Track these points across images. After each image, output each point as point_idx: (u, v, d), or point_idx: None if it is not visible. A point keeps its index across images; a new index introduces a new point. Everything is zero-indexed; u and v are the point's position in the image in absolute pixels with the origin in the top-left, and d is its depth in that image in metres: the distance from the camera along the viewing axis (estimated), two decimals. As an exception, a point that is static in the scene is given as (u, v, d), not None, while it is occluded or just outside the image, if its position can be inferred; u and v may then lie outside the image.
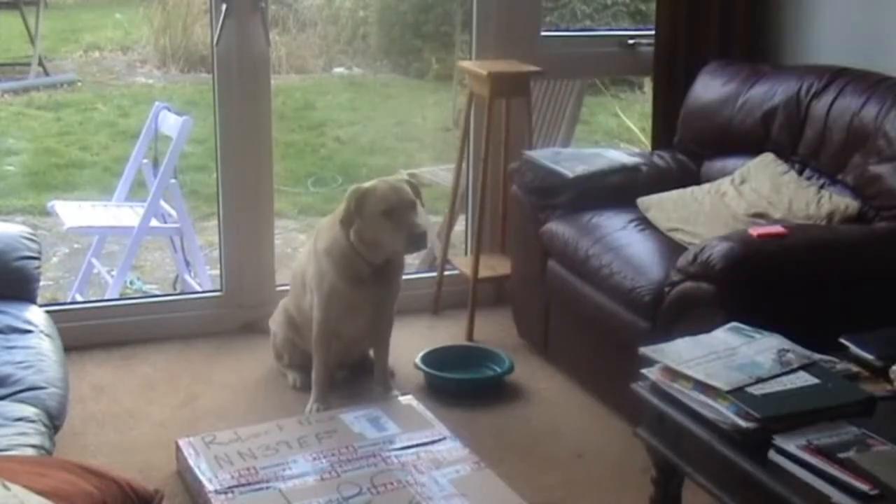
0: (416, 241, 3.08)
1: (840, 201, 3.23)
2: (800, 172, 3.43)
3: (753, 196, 3.34)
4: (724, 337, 2.43)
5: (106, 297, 4.30)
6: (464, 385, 3.48)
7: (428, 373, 3.49)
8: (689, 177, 3.69)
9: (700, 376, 2.25)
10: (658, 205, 3.45)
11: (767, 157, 3.49)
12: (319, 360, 3.30)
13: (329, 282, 3.20)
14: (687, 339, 2.41)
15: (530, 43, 4.01)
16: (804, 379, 2.25)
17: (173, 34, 7.37)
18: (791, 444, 2.03)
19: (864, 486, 1.90)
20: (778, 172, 3.41)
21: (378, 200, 3.08)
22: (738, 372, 2.25)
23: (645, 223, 3.40)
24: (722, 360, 2.31)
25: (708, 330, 2.45)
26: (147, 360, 3.68)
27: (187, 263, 4.56)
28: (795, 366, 2.28)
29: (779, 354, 2.32)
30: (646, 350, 2.39)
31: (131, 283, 4.74)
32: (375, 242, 3.12)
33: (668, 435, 2.34)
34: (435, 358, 3.56)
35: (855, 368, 2.35)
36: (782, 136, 3.50)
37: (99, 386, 3.47)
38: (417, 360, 3.53)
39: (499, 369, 3.52)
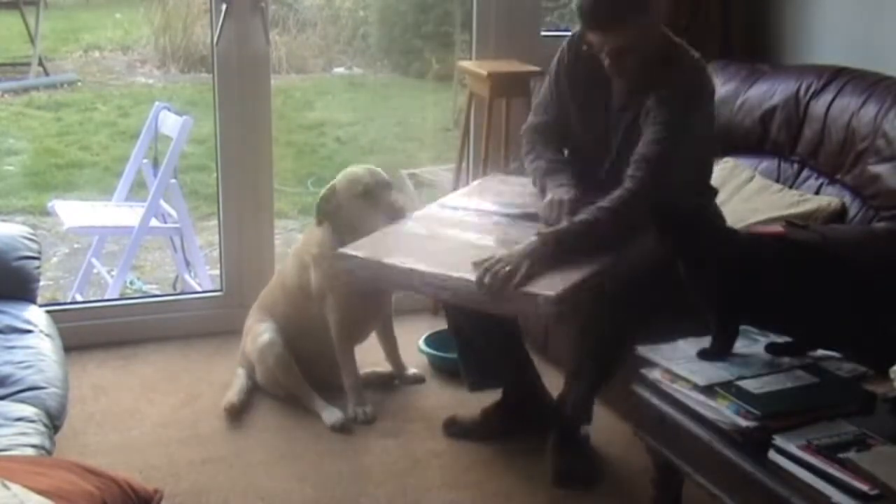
0: (396, 216, 3.07)
1: (822, 199, 3.23)
2: (798, 172, 3.43)
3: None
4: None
5: (106, 297, 4.30)
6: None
7: (432, 354, 3.56)
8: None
9: (683, 371, 2.27)
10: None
11: (728, 165, 3.48)
12: (348, 362, 3.33)
13: (343, 279, 3.18)
14: (690, 339, 2.42)
15: (530, 43, 4.01)
16: (804, 378, 2.26)
17: (173, 34, 7.36)
18: (791, 444, 2.03)
19: (864, 486, 1.90)
20: (742, 181, 3.38)
21: (353, 184, 3.18)
22: (722, 369, 2.27)
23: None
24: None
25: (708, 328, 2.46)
26: (147, 360, 3.68)
27: (187, 263, 4.56)
28: (786, 366, 2.29)
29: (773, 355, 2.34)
30: (642, 350, 2.40)
31: (131, 283, 4.74)
32: (355, 228, 3.11)
33: (668, 435, 2.34)
34: (437, 340, 3.63)
35: (861, 368, 2.35)
36: (781, 136, 3.50)
37: (99, 386, 3.47)
38: (420, 343, 3.61)
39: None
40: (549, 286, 2.55)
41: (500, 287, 2.55)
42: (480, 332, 3.09)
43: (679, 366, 2.31)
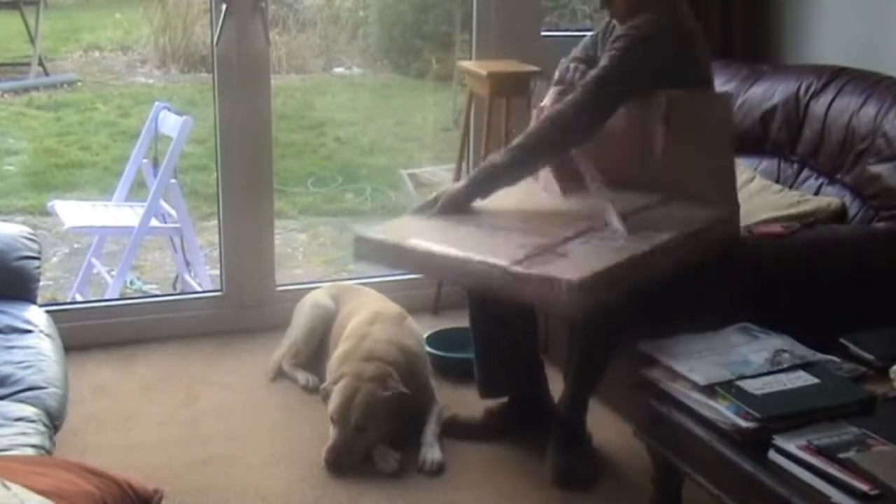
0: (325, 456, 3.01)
1: (822, 199, 3.23)
2: (798, 172, 3.44)
3: None
4: (729, 335, 2.45)
5: (106, 297, 4.29)
6: (469, 364, 3.48)
7: (434, 354, 3.55)
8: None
9: (683, 370, 2.27)
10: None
11: None
12: None
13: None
14: (690, 336, 2.42)
15: (530, 43, 4.01)
16: (804, 379, 2.26)
17: (173, 34, 7.36)
18: (791, 444, 2.04)
19: (864, 486, 1.90)
20: (743, 181, 3.37)
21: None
22: (722, 368, 2.27)
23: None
24: (713, 357, 2.33)
25: (711, 329, 2.46)
26: (147, 360, 3.68)
27: (187, 263, 4.56)
28: (786, 366, 2.29)
29: (774, 354, 2.34)
30: (644, 345, 2.40)
31: (131, 283, 4.74)
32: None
33: (668, 435, 2.34)
34: (439, 339, 3.63)
35: (861, 368, 2.35)
36: (781, 136, 3.50)
37: (99, 386, 3.47)
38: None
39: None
40: (573, 271, 2.45)
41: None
42: (503, 339, 3.10)
43: (679, 364, 2.31)
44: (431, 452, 3.05)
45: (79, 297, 4.42)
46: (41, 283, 3.08)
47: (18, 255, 2.96)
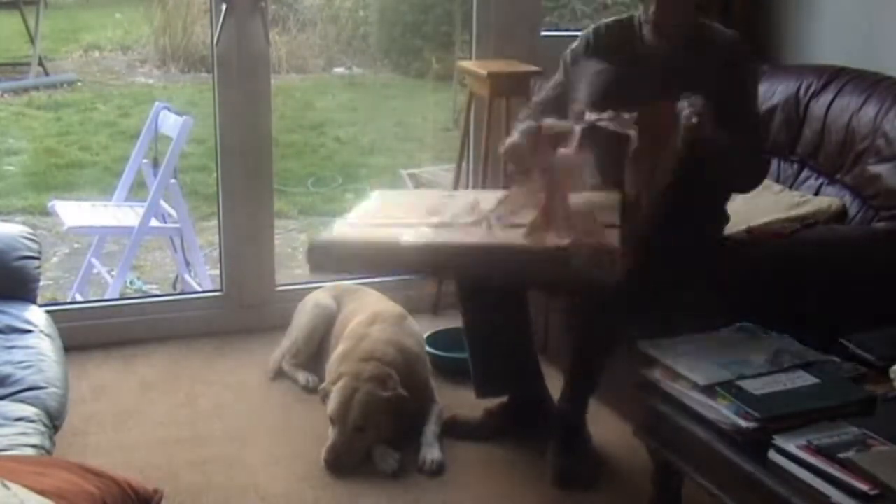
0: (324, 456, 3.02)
1: (822, 200, 3.23)
2: (798, 172, 3.44)
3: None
4: (729, 335, 2.45)
5: (106, 297, 4.30)
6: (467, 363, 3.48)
7: (434, 354, 3.54)
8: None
9: (683, 370, 2.27)
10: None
11: None
12: None
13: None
14: (690, 336, 2.42)
15: (530, 43, 4.01)
16: (804, 379, 2.26)
17: (173, 34, 7.36)
18: (791, 444, 2.04)
19: (864, 486, 1.90)
20: None
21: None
22: (722, 368, 2.27)
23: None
24: (713, 357, 2.33)
25: (711, 329, 2.46)
26: (147, 360, 3.68)
27: (187, 263, 4.57)
28: (786, 366, 2.29)
29: (774, 354, 2.34)
30: (644, 345, 2.40)
31: (131, 283, 4.74)
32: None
33: (668, 435, 2.34)
34: (439, 339, 3.63)
35: (861, 368, 2.35)
36: (781, 136, 3.50)
37: (99, 386, 3.47)
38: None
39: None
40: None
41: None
42: (497, 339, 3.10)
43: (680, 364, 2.31)
44: (431, 452, 3.05)
45: (79, 297, 4.42)
46: (41, 283, 3.08)
47: (18, 255, 2.96)
